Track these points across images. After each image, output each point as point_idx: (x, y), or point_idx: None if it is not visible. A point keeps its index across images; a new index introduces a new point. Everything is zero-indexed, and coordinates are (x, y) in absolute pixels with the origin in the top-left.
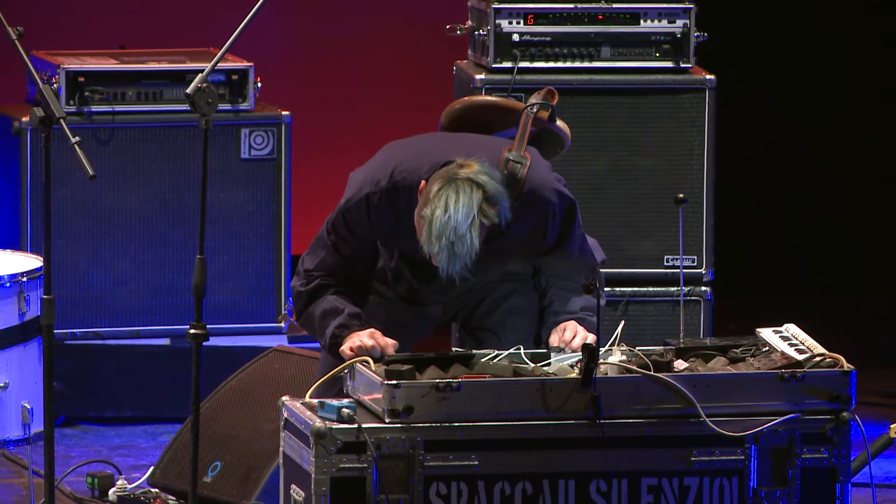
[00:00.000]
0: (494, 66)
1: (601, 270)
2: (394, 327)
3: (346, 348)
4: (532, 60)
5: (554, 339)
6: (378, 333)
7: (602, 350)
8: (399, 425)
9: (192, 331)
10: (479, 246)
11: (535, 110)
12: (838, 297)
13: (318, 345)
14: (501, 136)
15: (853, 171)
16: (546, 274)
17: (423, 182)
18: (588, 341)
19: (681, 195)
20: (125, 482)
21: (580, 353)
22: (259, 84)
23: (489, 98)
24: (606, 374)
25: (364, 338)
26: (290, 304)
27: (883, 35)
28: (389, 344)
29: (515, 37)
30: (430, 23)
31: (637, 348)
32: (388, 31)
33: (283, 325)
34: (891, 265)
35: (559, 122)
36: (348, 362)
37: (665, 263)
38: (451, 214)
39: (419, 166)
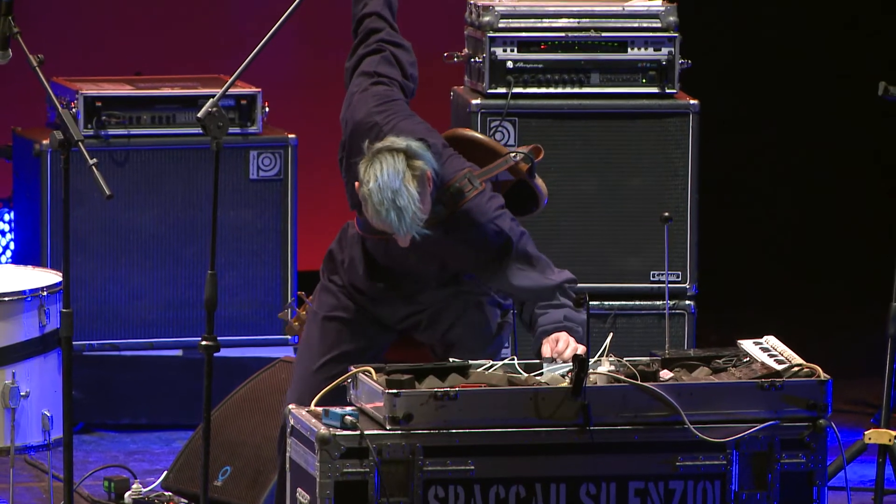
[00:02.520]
0: (489, 91)
1: (580, 284)
2: (364, 321)
3: None
4: (525, 86)
5: (546, 351)
6: None
7: (591, 361)
8: (399, 432)
9: (204, 342)
10: (420, 195)
11: (516, 159)
12: (815, 310)
13: None
14: None
15: (828, 191)
16: (523, 306)
17: (357, 182)
18: (578, 352)
19: (666, 214)
20: (140, 486)
21: (571, 364)
22: (267, 109)
23: (478, 135)
24: (596, 383)
25: None
26: (292, 302)
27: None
28: None
29: (509, 64)
30: (428, 50)
31: (625, 359)
32: None
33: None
34: (864, 280)
35: (538, 180)
36: (350, 373)
37: (651, 278)
38: (380, 180)
39: (391, 120)
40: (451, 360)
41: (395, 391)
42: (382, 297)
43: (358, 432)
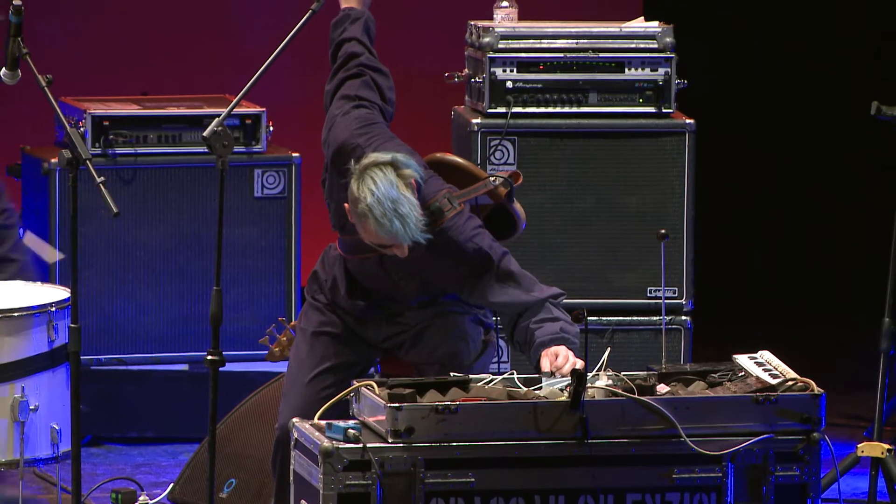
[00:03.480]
0: (490, 110)
1: (579, 298)
2: (351, 337)
3: None
4: (525, 106)
5: (545, 365)
6: None
7: (590, 375)
8: (401, 445)
9: (209, 357)
10: (417, 201)
11: (495, 183)
12: (809, 325)
13: None
14: None
15: (822, 210)
16: (514, 326)
17: (346, 204)
18: (577, 367)
19: (662, 231)
20: (147, 498)
21: (569, 378)
22: (271, 128)
23: (458, 159)
24: (594, 397)
25: None
26: (273, 328)
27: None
28: None
29: (509, 84)
30: (429, 71)
31: (622, 373)
32: (391, 77)
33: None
34: (856, 296)
35: (517, 205)
36: (353, 387)
37: (648, 294)
38: (378, 193)
39: (373, 141)
40: (451, 374)
41: (397, 405)
42: (366, 316)
43: (360, 445)
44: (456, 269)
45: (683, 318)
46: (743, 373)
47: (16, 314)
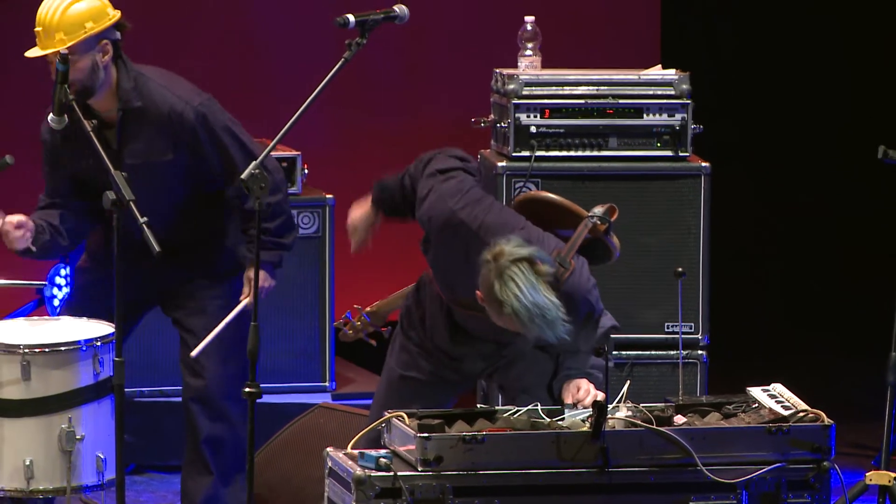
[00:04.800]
0: (514, 154)
1: (612, 336)
2: (436, 380)
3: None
4: (548, 150)
5: (567, 397)
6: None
7: (610, 406)
8: (430, 473)
9: (247, 389)
10: (559, 302)
11: (594, 221)
12: (820, 358)
13: (359, 401)
14: (563, 233)
15: (829, 248)
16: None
17: (478, 292)
18: (598, 398)
19: (679, 269)
20: None
21: (591, 409)
22: (306, 170)
23: (557, 198)
24: (614, 427)
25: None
26: (347, 314)
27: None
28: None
29: (533, 128)
30: (456, 116)
31: (641, 405)
32: (420, 122)
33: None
34: (863, 330)
35: (613, 238)
36: (385, 418)
37: (666, 330)
38: (523, 299)
39: (477, 216)
40: (479, 405)
41: (426, 435)
42: (463, 356)
43: (391, 473)
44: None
45: (700, 352)
46: (756, 404)
47: (63, 348)
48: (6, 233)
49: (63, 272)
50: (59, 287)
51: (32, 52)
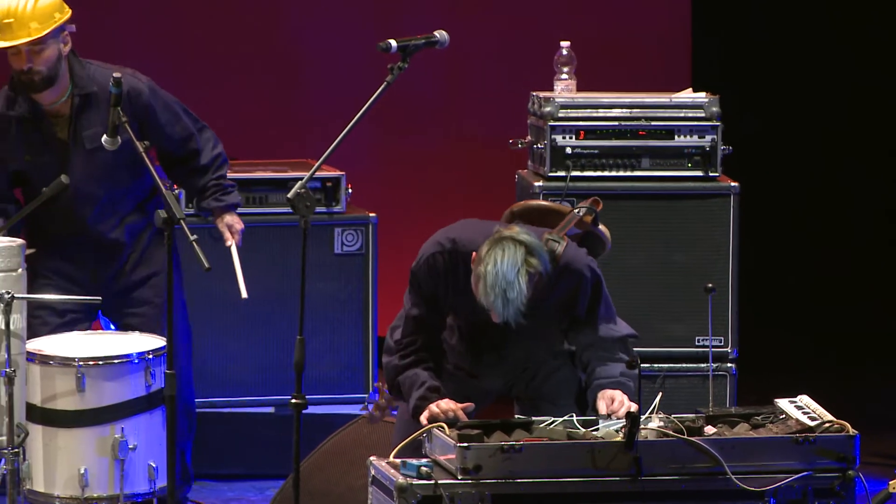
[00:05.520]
0: (550, 174)
1: (634, 347)
2: (459, 399)
3: (423, 418)
4: (583, 170)
5: (602, 408)
6: (452, 403)
7: (643, 417)
8: (470, 481)
9: (293, 400)
10: (527, 292)
11: (580, 213)
12: (844, 371)
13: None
14: None
15: (851, 264)
16: (584, 348)
17: (474, 253)
18: (631, 410)
19: (709, 285)
20: None
21: (624, 420)
22: (350, 190)
23: (543, 202)
24: (647, 437)
25: (441, 405)
26: (372, 395)
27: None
28: (459, 409)
29: (568, 150)
30: (494, 138)
31: (672, 416)
32: (460, 143)
33: (366, 411)
34: (888, 342)
35: (602, 227)
36: (426, 427)
37: (696, 343)
38: (499, 268)
39: (476, 240)
40: (516, 416)
41: (465, 444)
42: (483, 372)
43: (432, 482)
44: (576, 298)
45: (729, 365)
46: (784, 415)
47: (116, 361)
48: None
49: None
50: None
51: (3, 43)
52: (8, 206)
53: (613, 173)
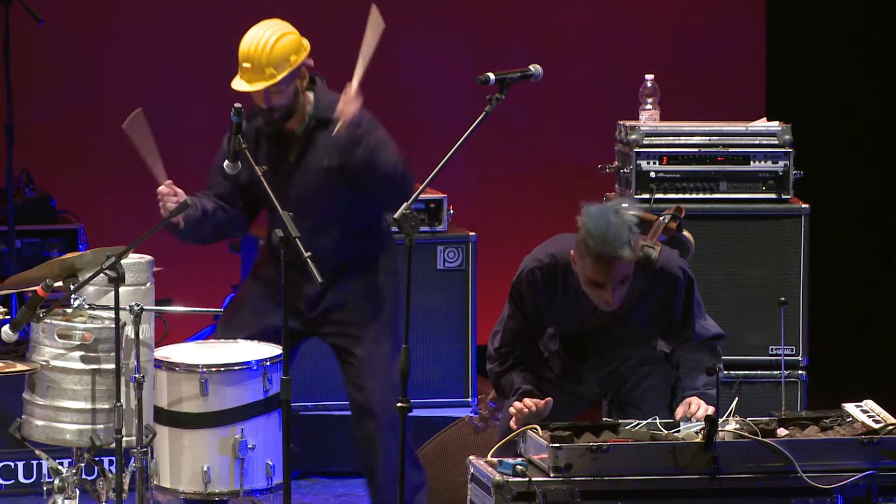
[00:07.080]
0: (636, 197)
1: (723, 358)
2: (557, 406)
3: (512, 422)
4: (665, 193)
5: (681, 412)
6: (529, 399)
7: (720, 420)
8: (561, 479)
9: (400, 404)
10: (627, 235)
11: (666, 220)
12: None
13: (497, 416)
14: None
15: None
16: (679, 346)
17: (572, 251)
18: (709, 413)
19: (782, 299)
20: None
21: (703, 423)
22: (451, 210)
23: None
24: (724, 438)
25: (517, 404)
26: (472, 400)
27: None
28: (533, 404)
29: (652, 174)
30: (585, 163)
31: (748, 419)
32: (553, 168)
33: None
34: None
35: (686, 233)
36: (520, 429)
37: (770, 352)
38: (597, 212)
39: (571, 249)
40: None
41: (557, 445)
42: (581, 379)
43: (527, 479)
44: (673, 301)
45: (800, 372)
46: (850, 418)
47: (237, 367)
48: (164, 195)
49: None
50: None
51: (241, 86)
52: (219, 207)
53: (694, 196)
